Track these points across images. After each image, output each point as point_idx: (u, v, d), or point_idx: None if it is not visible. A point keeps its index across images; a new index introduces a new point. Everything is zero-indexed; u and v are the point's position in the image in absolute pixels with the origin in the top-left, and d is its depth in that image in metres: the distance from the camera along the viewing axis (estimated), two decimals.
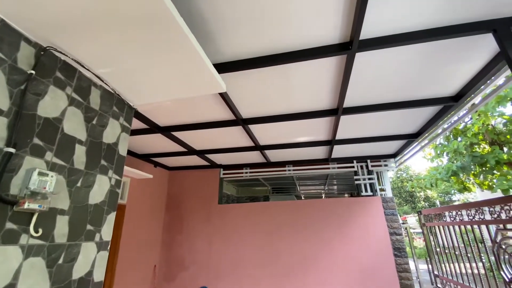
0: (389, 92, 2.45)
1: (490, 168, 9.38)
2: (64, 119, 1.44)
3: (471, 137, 9.76)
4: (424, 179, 11.74)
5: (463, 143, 9.93)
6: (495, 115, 8.93)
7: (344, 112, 2.70)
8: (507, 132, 9.37)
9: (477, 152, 9.73)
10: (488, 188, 10.05)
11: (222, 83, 1.77)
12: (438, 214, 3.24)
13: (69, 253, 1.39)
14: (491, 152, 9.11)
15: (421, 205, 21.95)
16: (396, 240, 4.01)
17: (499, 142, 9.84)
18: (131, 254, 4.13)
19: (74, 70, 1.54)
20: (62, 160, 1.41)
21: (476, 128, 9.74)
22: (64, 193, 1.40)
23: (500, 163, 9.06)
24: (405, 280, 3.78)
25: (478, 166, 9.77)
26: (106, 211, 1.66)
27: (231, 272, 4.45)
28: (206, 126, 3.11)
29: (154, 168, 5.00)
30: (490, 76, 2.11)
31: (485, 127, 9.59)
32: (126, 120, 1.94)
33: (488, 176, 9.73)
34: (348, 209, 4.38)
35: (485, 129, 9.61)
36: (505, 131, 9.59)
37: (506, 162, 9.01)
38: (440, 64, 2.07)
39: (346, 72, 2.04)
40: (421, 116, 2.99)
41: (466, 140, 9.93)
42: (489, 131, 9.56)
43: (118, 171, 1.80)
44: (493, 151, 8.96)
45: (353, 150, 4.25)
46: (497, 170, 9.27)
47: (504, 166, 9.20)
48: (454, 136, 10.43)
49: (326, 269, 4.13)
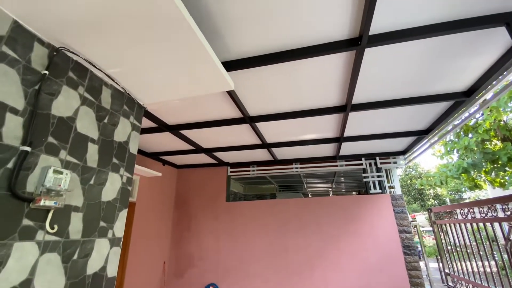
0: (398, 88, 2.41)
1: (502, 165, 9.14)
2: (77, 118, 1.47)
3: (482, 134, 9.53)
4: (434, 176, 11.54)
5: (474, 139, 9.70)
6: (507, 110, 8.70)
7: (353, 108, 2.67)
8: None
9: (488, 149, 9.50)
10: (500, 185, 9.83)
11: (230, 81, 1.77)
12: (449, 211, 3.18)
13: (83, 249, 1.42)
14: (503, 148, 8.89)
15: (430, 203, 21.62)
16: (405, 238, 3.97)
17: (511, 139, 9.58)
18: (141, 250, 4.20)
19: (86, 70, 1.57)
20: (76, 158, 1.44)
21: (487, 124, 9.50)
22: (78, 190, 1.43)
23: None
24: (415, 278, 3.74)
25: (489, 163, 9.55)
26: (118, 208, 1.69)
27: (239, 269, 4.49)
28: (213, 124, 3.12)
29: (162, 166, 5.06)
30: (503, 71, 2.06)
31: (497, 123, 9.34)
32: (136, 119, 1.97)
33: (500, 173, 9.50)
34: (356, 207, 4.34)
35: (496, 125, 9.36)
36: None
37: None
38: (451, 58, 2.03)
39: (355, 68, 2.01)
40: (431, 112, 2.93)
41: (477, 137, 9.69)
42: (501, 127, 9.31)
43: (129, 169, 1.83)
44: (505, 147, 8.74)
45: (361, 147, 4.21)
46: (509, 167, 9.04)
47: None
48: (464, 132, 10.20)
49: (334, 266, 4.12)
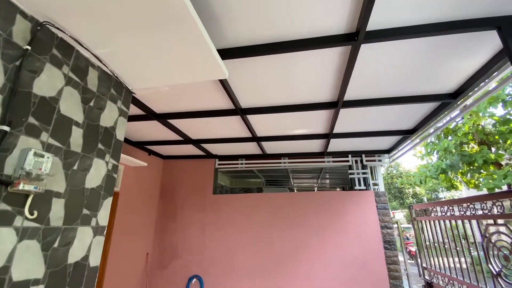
0: (390, 86, 2.45)
1: (477, 167, 9.61)
2: (61, 99, 1.39)
3: (461, 137, 9.96)
4: (414, 176, 11.99)
5: (453, 142, 10.11)
6: (486, 115, 9.11)
7: (344, 105, 2.69)
8: (496, 132, 9.57)
9: (466, 151, 9.95)
10: (474, 186, 10.34)
11: (224, 69, 1.73)
12: (429, 209, 3.31)
13: (64, 237, 1.36)
14: (479, 151, 9.32)
15: (409, 201, 22.52)
16: (386, 233, 4.11)
17: (487, 142, 10.07)
18: (124, 241, 4.10)
19: (71, 49, 1.48)
20: (58, 141, 1.36)
21: (466, 127, 9.93)
22: (60, 175, 1.36)
23: (488, 163, 9.28)
24: (394, 272, 3.89)
25: (466, 165, 10.01)
26: (103, 196, 1.63)
27: (224, 261, 4.49)
28: (204, 114, 3.06)
29: (148, 156, 4.94)
30: (490, 74, 2.13)
31: (475, 127, 9.77)
32: (124, 104, 1.89)
33: (475, 175, 9.97)
34: (341, 202, 4.44)
35: (475, 129, 9.79)
36: (494, 132, 9.79)
37: (493, 162, 9.26)
38: (442, 59, 2.07)
39: (349, 64, 2.02)
40: (418, 113, 3.02)
41: (456, 139, 10.11)
42: (479, 131, 9.75)
43: (115, 156, 1.76)
44: (481, 150, 9.17)
45: (348, 144, 4.28)
46: (484, 170, 9.51)
47: (491, 166, 9.45)
48: (445, 135, 10.61)
49: (318, 259, 4.21)
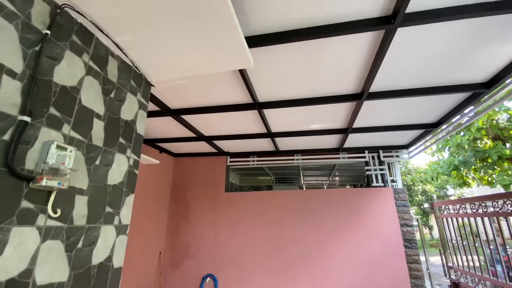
0: (419, 75, 2.31)
1: (491, 163, 9.35)
2: (82, 89, 1.29)
3: (474, 132, 9.68)
4: (425, 172, 11.75)
5: (466, 137, 9.84)
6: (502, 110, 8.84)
7: (369, 97, 2.56)
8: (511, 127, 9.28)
9: (479, 147, 9.68)
10: (487, 183, 10.08)
11: (250, 57, 1.62)
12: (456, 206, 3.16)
13: (88, 237, 1.27)
14: (493, 147, 9.06)
15: (418, 199, 22.19)
16: (406, 232, 3.96)
17: (502, 138, 9.78)
18: (137, 240, 4.04)
19: (91, 36, 1.38)
20: (80, 134, 1.26)
21: (480, 122, 9.65)
22: (83, 171, 1.27)
23: (502, 159, 9.02)
24: (415, 271, 3.75)
25: (479, 161, 9.74)
26: (125, 193, 1.54)
27: (237, 260, 4.40)
28: (219, 109, 2.95)
29: (159, 153, 4.86)
30: None
31: (489, 122, 9.48)
32: (144, 97, 1.79)
33: (488, 171, 9.70)
34: (358, 200, 4.30)
35: (489, 124, 9.51)
36: (509, 127, 9.50)
37: (508, 158, 8.98)
38: (480, 44, 1.92)
39: (380, 51, 1.88)
40: (445, 104, 2.86)
41: (469, 135, 9.84)
42: (493, 126, 9.46)
43: (136, 151, 1.66)
44: (496, 146, 8.92)
45: (365, 139, 4.13)
46: (498, 166, 9.25)
47: (506, 162, 9.17)
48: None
49: (334, 259, 4.09)
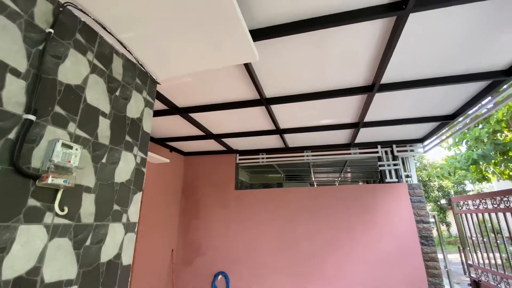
0: (434, 64, 2.20)
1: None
2: (87, 88, 1.29)
3: (494, 124, 9.24)
4: (442, 167, 11.35)
5: (485, 130, 9.41)
6: None
7: (381, 89, 2.47)
8: None
9: (499, 140, 9.25)
10: (508, 177, 9.64)
11: (255, 51, 1.58)
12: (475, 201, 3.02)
13: (96, 234, 1.27)
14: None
15: (434, 195, 21.53)
16: (423, 228, 3.83)
17: None
18: (149, 237, 4.10)
19: (95, 34, 1.38)
20: (86, 132, 1.27)
21: (500, 114, 9.20)
22: (89, 169, 1.27)
23: None
24: (433, 269, 3.62)
25: (499, 155, 9.31)
26: (133, 191, 1.54)
27: (248, 258, 4.39)
28: (227, 106, 2.93)
29: (169, 152, 4.91)
30: None
31: (509, 114, 9.04)
32: (150, 95, 1.79)
33: (510, 165, 9.27)
34: (371, 196, 4.19)
35: (509, 116, 9.06)
36: None
37: None
38: (499, 29, 1.80)
39: (392, 39, 1.80)
40: (462, 94, 2.72)
41: (488, 127, 9.40)
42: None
43: (143, 149, 1.66)
44: None
45: (377, 134, 4.02)
46: None
47: None
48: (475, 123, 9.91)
49: (347, 257, 4.01)
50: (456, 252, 3.74)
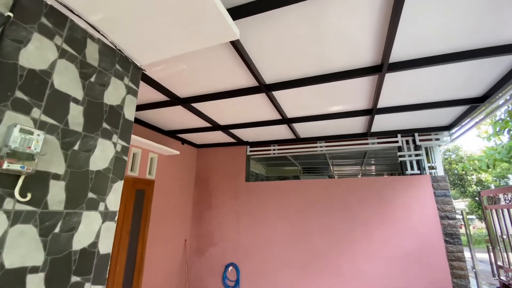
0: (451, 37, 1.90)
1: None
2: (54, 73, 1.26)
3: None
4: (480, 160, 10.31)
5: None
6: None
7: (391, 68, 2.20)
8: None
9: None
10: None
11: (234, 28, 1.45)
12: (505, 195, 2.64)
13: (67, 222, 1.25)
14: None
15: (472, 190, 19.80)
16: (448, 225, 3.46)
17: None
18: (162, 227, 4.20)
19: (64, 18, 1.34)
20: (54, 119, 1.24)
21: None
22: (58, 156, 1.25)
23: None
24: (458, 270, 3.27)
25: None
26: (112, 179, 1.51)
27: (260, 250, 4.33)
28: (227, 95, 2.83)
29: (181, 145, 4.96)
30: None
31: None
32: (133, 82, 1.74)
33: None
34: (390, 189, 3.88)
35: None
36: None
37: None
38: None
39: (397, 5, 1.56)
40: (492, 72, 2.35)
41: None
42: None
43: (124, 137, 1.62)
44: None
45: (397, 121, 3.68)
46: None
47: None
48: None
49: (363, 253, 3.77)
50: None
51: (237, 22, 1.74)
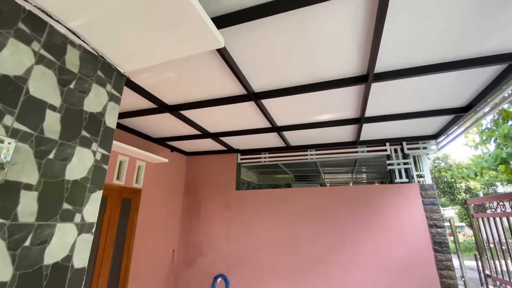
0: (434, 48, 1.94)
1: None
2: (30, 79, 1.22)
3: None
4: (467, 168, 10.53)
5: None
6: None
7: (376, 78, 2.23)
8: None
9: None
10: None
11: (219, 37, 1.44)
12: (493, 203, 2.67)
13: (39, 235, 1.19)
14: None
15: (461, 197, 20.14)
16: (436, 233, 3.48)
17: None
18: (149, 238, 4.08)
19: (43, 23, 1.31)
20: (28, 126, 1.19)
21: None
22: (31, 165, 1.19)
23: None
24: (447, 279, 3.27)
25: None
26: (90, 189, 1.45)
27: (250, 260, 4.24)
28: (215, 103, 2.81)
29: (171, 153, 4.89)
30: None
31: None
32: (116, 89, 1.70)
33: None
34: (380, 197, 3.89)
35: None
36: None
37: None
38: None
39: (380, 17, 1.58)
40: (475, 83, 2.41)
41: None
42: None
43: (105, 145, 1.58)
44: None
45: (385, 130, 3.72)
46: None
47: None
48: (503, 119, 9.10)
49: (353, 263, 3.74)
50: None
51: (224, 30, 1.75)
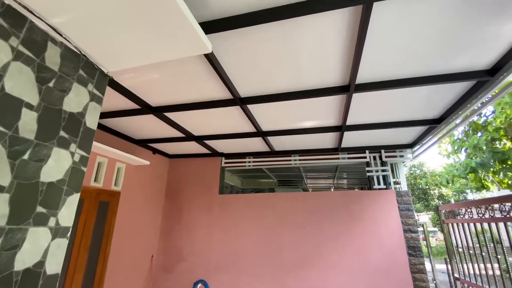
0: (412, 63, 2.06)
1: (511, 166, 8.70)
2: (6, 76, 1.17)
3: (492, 132, 9.05)
4: (440, 175, 11.13)
5: (484, 138, 9.22)
6: None
7: (358, 89, 2.33)
8: None
9: (498, 148, 9.05)
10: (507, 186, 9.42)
11: (206, 42, 1.45)
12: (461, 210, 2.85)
13: (9, 239, 1.13)
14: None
15: (434, 203, 21.18)
16: (410, 238, 3.64)
17: None
18: (127, 243, 3.94)
19: (23, 19, 1.26)
20: (1, 125, 1.13)
21: (498, 122, 9.02)
22: (4, 166, 1.13)
23: None
24: (420, 282, 3.42)
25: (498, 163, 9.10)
26: (66, 192, 1.39)
27: (231, 266, 4.21)
28: (201, 106, 2.80)
29: (153, 155, 4.78)
30: None
31: (507, 121, 8.84)
32: (98, 88, 1.66)
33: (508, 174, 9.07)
34: (358, 203, 4.02)
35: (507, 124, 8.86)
36: None
37: None
38: (483, 21, 1.66)
39: (361, 32, 1.67)
40: (447, 97, 2.58)
41: (486, 135, 9.21)
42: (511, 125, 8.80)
43: (84, 146, 1.53)
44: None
45: (365, 138, 3.87)
46: None
47: None
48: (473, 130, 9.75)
49: (333, 266, 3.82)
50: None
51: (212, 35, 1.76)
